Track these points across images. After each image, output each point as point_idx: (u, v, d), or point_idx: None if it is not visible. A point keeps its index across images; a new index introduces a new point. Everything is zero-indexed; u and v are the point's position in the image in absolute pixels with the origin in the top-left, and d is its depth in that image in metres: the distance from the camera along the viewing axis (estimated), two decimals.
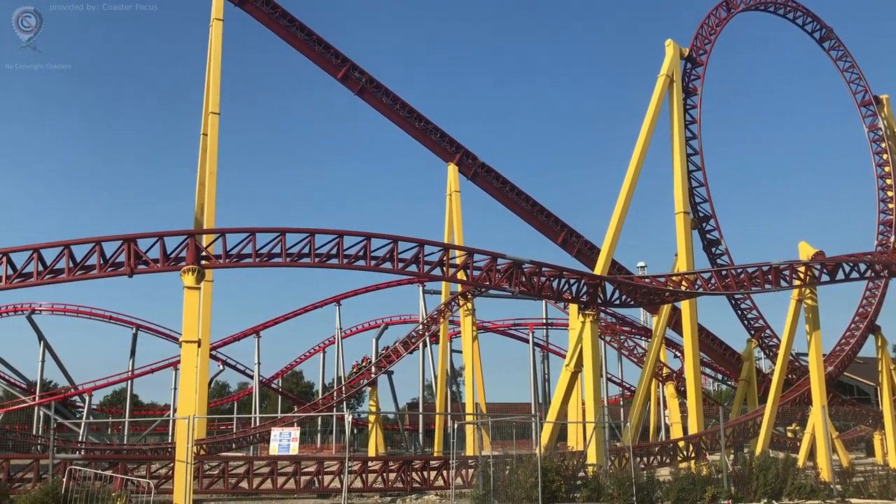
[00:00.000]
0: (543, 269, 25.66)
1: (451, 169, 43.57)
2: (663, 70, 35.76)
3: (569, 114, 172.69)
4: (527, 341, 60.50)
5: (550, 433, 27.83)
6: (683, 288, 29.69)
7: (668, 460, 30.14)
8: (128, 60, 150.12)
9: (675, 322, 38.75)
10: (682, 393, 41.45)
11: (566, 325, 44.19)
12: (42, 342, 55.18)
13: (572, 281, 26.30)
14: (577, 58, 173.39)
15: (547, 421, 27.61)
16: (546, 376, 62.16)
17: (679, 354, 47.14)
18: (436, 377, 53.38)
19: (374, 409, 48.43)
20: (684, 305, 34.43)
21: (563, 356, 50.62)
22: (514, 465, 20.94)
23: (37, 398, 55.93)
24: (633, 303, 29.70)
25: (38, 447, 36.74)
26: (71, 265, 20.63)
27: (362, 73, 42.02)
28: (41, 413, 55.72)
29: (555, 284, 25.98)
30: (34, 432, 50.51)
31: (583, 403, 30.72)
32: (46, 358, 55.72)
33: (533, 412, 47.41)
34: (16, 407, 57.18)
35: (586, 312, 26.36)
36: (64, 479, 18.22)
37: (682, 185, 35.42)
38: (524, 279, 25.11)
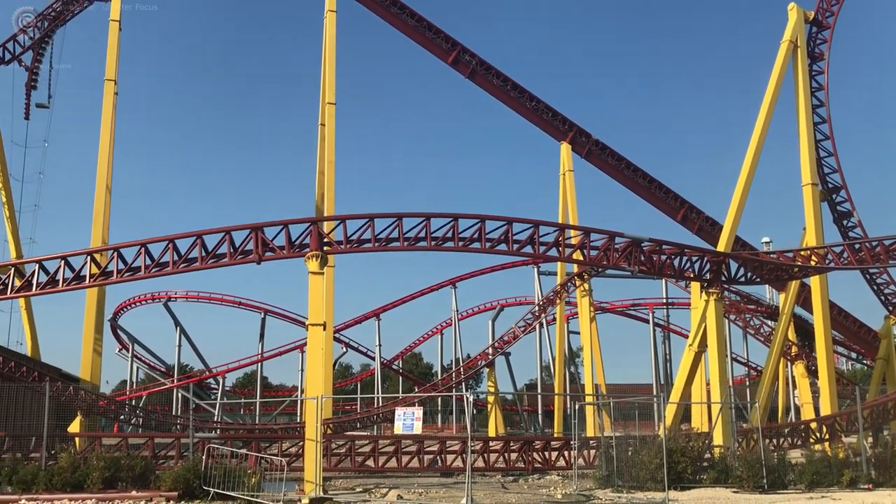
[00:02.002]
0: (664, 246, 25.07)
1: (565, 148, 43.15)
2: (786, 35, 34.07)
3: (685, 84, 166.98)
4: (647, 321, 59.40)
5: (674, 414, 27.27)
6: (813, 263, 28.34)
7: (799, 442, 28.94)
8: (246, 52, 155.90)
9: (804, 299, 37.08)
10: (812, 373, 39.74)
11: (688, 305, 43.09)
12: (178, 328, 58.51)
13: (694, 258, 25.61)
14: (693, 25, 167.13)
15: (670, 402, 27.02)
16: (667, 357, 60.86)
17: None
18: (553, 358, 53.24)
19: (492, 389, 48.78)
20: (814, 281, 32.88)
21: (685, 336, 49.38)
22: (638, 446, 20.67)
23: (175, 381, 59.43)
24: (758, 280, 28.69)
25: (178, 426, 38.94)
26: (203, 254, 21.68)
27: (472, 55, 42.08)
28: (179, 394, 59.16)
29: (676, 262, 25.35)
30: (174, 412, 53.69)
31: (707, 384, 29.97)
32: (182, 342, 59.10)
33: (655, 393, 46.55)
34: (157, 389, 61.01)
35: (710, 290, 25.63)
36: (203, 457, 19.21)
37: (810, 156, 33.77)
38: (643, 258, 24.60)
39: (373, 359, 66.10)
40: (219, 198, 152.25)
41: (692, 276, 26.19)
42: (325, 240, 22.35)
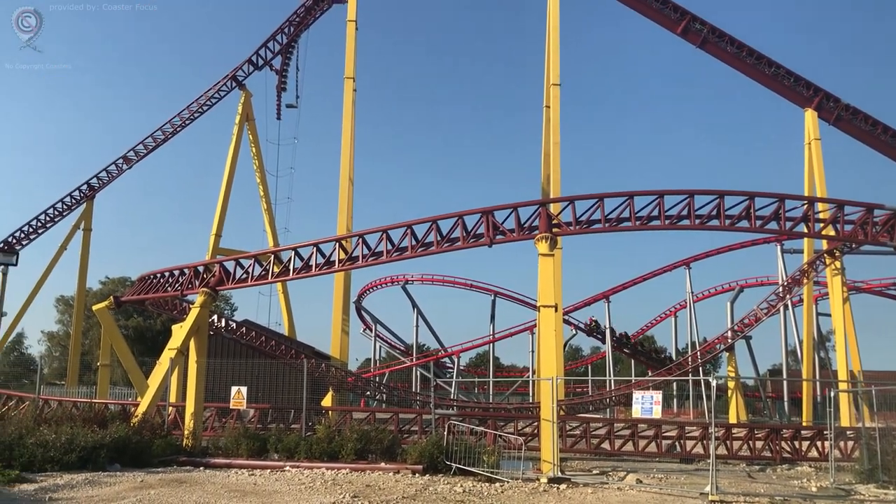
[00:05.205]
0: None
1: (809, 115, 39.91)
2: None
3: None
4: None
5: None
6: None
7: None
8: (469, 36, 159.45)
9: None
10: None
11: None
12: (415, 309, 61.34)
13: None
14: None
15: None
16: None
17: None
18: (800, 342, 49.70)
19: (732, 375, 46.46)
20: None
21: None
22: None
23: (414, 359, 62.49)
24: None
25: (418, 403, 40.94)
26: (438, 238, 22.48)
27: (703, 23, 40.13)
28: (418, 372, 62.15)
29: None
30: (413, 389, 56.52)
31: None
32: (419, 323, 61.94)
33: None
34: (398, 367, 64.54)
35: None
36: (444, 433, 19.98)
37: None
38: None
39: (602, 341, 65.34)
40: (448, 183, 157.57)
41: None
42: (554, 221, 22.29)
